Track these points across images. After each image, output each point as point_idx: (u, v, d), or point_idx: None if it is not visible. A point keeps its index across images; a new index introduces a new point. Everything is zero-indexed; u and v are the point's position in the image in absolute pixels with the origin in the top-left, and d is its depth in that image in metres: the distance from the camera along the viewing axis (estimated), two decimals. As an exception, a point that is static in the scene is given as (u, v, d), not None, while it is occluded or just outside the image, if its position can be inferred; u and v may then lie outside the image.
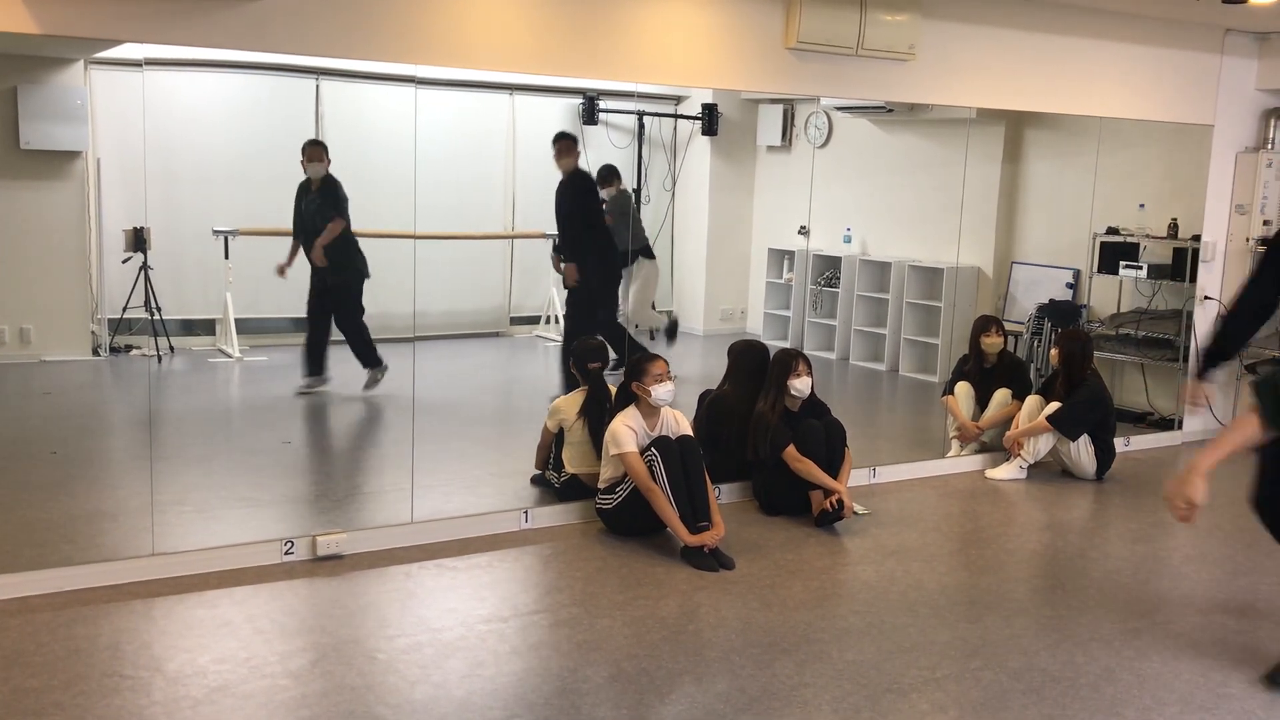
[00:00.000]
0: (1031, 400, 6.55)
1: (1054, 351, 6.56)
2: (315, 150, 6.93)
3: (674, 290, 9.09)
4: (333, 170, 7.00)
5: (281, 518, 5.22)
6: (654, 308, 7.88)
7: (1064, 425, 6.35)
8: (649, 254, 7.75)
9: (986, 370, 6.77)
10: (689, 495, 4.93)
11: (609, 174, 7.54)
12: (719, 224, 9.13)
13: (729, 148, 9.07)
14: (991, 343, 6.72)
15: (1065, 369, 6.41)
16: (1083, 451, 6.41)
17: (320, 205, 6.91)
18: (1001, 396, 6.67)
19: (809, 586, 4.65)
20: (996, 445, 6.68)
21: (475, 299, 8.09)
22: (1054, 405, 6.40)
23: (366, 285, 7.31)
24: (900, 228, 8.86)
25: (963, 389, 6.73)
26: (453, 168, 7.77)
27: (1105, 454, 6.47)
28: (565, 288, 7.37)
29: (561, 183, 6.96)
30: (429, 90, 6.77)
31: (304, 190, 6.96)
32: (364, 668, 3.76)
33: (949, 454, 6.69)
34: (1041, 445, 6.43)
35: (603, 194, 7.46)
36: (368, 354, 7.07)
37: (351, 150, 7.63)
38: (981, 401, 6.77)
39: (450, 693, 3.61)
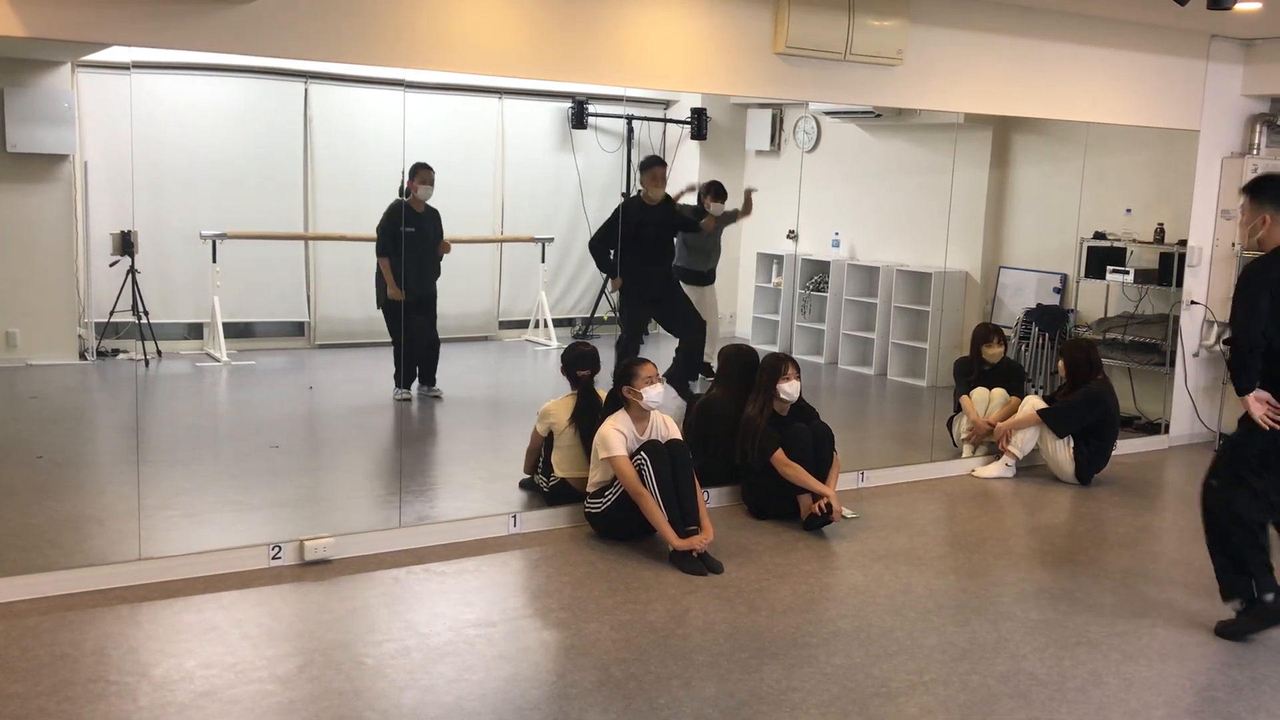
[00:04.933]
0: (1031, 400, 6.65)
1: (1060, 362, 6.63)
2: (427, 173, 6.85)
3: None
4: (323, 173, 6.99)
5: (269, 522, 5.20)
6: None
7: (1054, 419, 6.42)
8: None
9: (986, 373, 6.89)
10: (678, 499, 4.93)
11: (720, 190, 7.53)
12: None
13: (718, 152, 9.07)
14: (993, 353, 6.88)
15: (1070, 377, 6.48)
16: (1061, 451, 6.45)
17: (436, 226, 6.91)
18: (1001, 395, 6.79)
19: (797, 591, 4.65)
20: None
21: (464, 303, 8.08)
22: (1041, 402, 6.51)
23: (357, 286, 7.29)
24: (888, 232, 8.88)
25: (979, 394, 6.83)
26: (442, 171, 7.75)
27: (1095, 459, 6.50)
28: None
29: (659, 206, 6.97)
30: (418, 94, 6.78)
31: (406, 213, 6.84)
32: (351, 673, 3.75)
33: (964, 456, 6.77)
34: (1028, 441, 6.48)
35: (719, 209, 7.44)
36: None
37: (340, 154, 7.62)
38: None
39: (438, 697, 3.60)
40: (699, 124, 8.53)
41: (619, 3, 5.27)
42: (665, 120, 8.79)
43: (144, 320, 6.96)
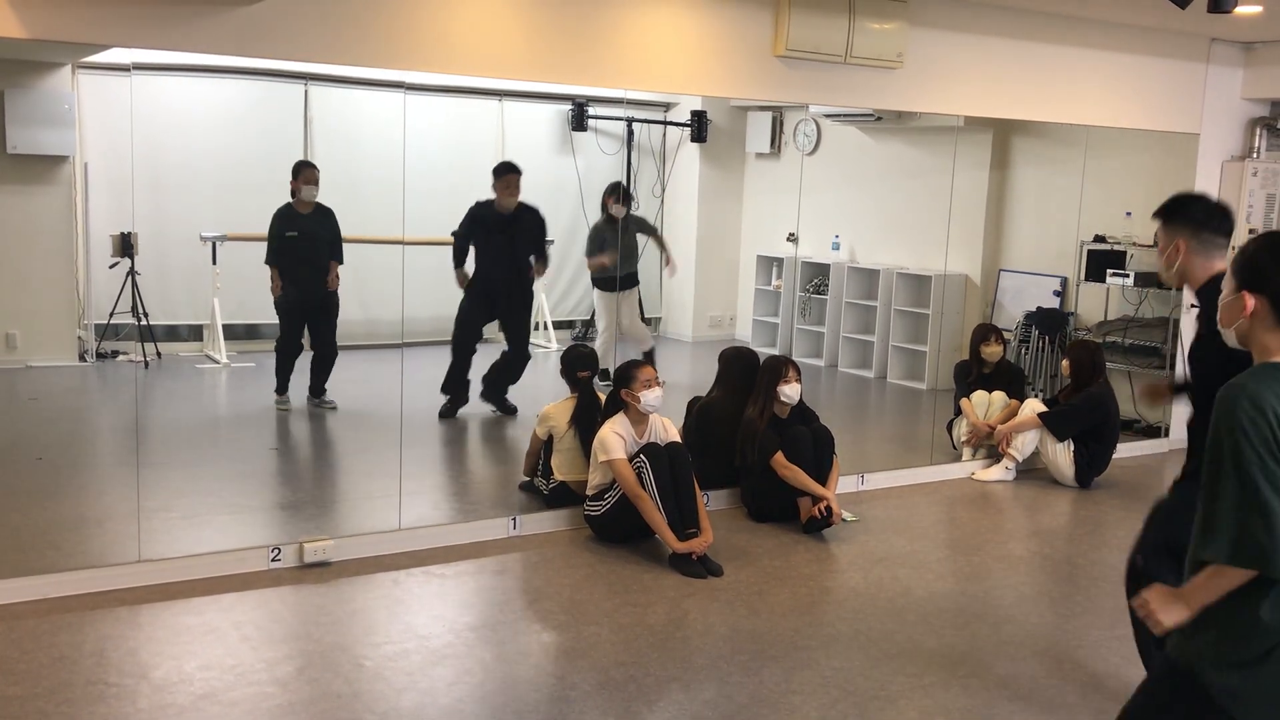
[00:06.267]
0: (1031, 403, 6.66)
1: (1065, 361, 6.64)
2: (310, 172, 6.84)
3: (663, 297, 9.11)
4: (323, 175, 6.99)
5: (268, 524, 5.20)
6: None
7: (1054, 423, 6.43)
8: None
9: (986, 375, 6.89)
10: (677, 502, 4.93)
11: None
12: (708, 231, 9.15)
13: (718, 154, 9.08)
14: (991, 351, 6.86)
15: (1075, 378, 6.49)
16: (1061, 454, 6.45)
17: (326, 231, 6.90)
18: (1001, 398, 6.79)
19: (797, 593, 4.65)
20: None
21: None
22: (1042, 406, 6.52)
23: (356, 289, 7.30)
24: (888, 235, 8.89)
25: (979, 396, 6.83)
26: (442, 173, 7.76)
27: (1095, 462, 6.50)
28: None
29: (513, 214, 6.93)
30: (418, 96, 6.79)
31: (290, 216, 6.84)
32: (351, 675, 3.74)
33: (964, 459, 6.77)
34: (1028, 444, 6.49)
35: (620, 211, 7.49)
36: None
37: (340, 156, 7.62)
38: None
39: (437, 700, 3.60)
40: (699, 126, 8.54)
41: (619, 5, 5.28)
42: (665, 123, 8.80)
43: (144, 322, 6.96)
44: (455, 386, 6.99)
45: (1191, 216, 3.35)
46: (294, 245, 6.78)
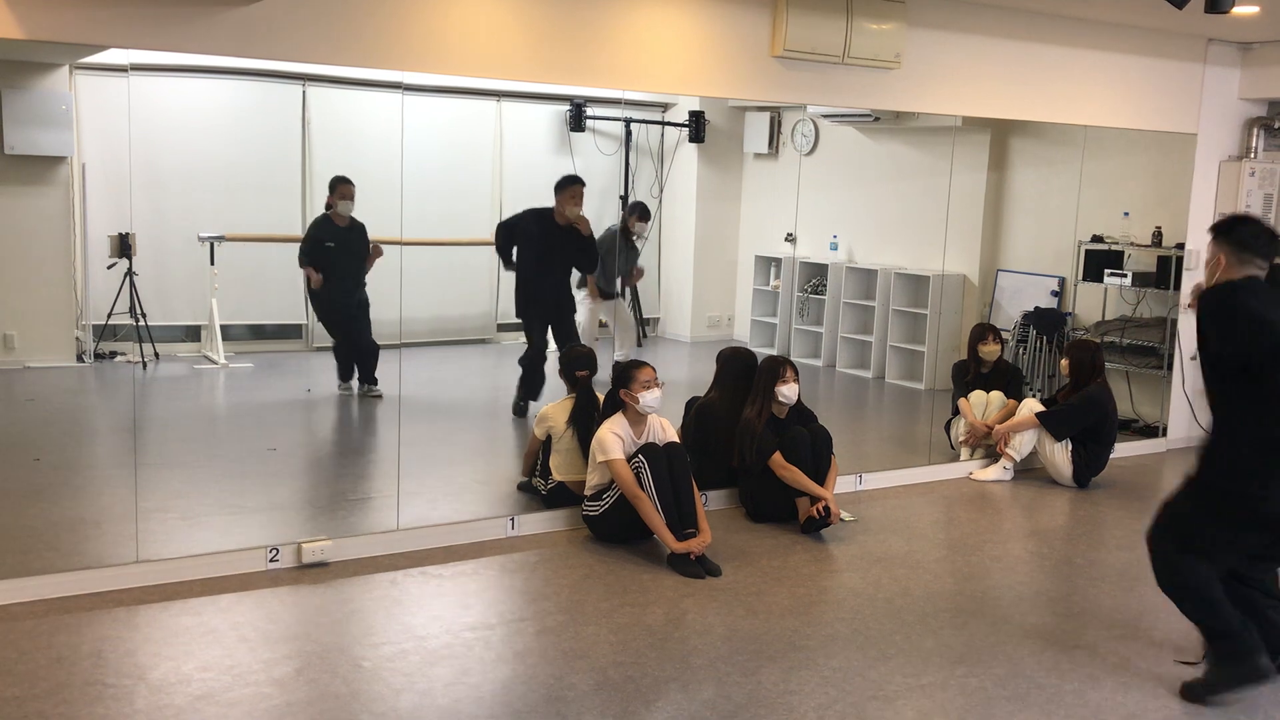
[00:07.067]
0: (1029, 403, 6.67)
1: (1063, 361, 6.65)
2: (347, 187, 6.91)
3: (661, 297, 9.11)
4: (321, 176, 7.00)
5: (266, 525, 5.20)
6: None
7: (1052, 422, 6.44)
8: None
9: (983, 375, 6.89)
10: (676, 502, 4.94)
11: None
12: (706, 231, 9.14)
13: (716, 155, 9.07)
14: (989, 350, 6.86)
15: (1074, 378, 6.50)
16: (1059, 454, 6.46)
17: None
18: (999, 398, 6.79)
19: (795, 594, 4.65)
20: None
21: (462, 306, 8.08)
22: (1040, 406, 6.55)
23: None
24: (886, 235, 8.89)
25: (977, 396, 6.83)
26: (440, 174, 7.76)
27: (1093, 462, 6.51)
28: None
29: (569, 227, 6.93)
30: (416, 96, 6.77)
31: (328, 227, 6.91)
32: (349, 675, 3.74)
33: (962, 459, 6.77)
34: (1026, 444, 6.49)
35: (643, 229, 7.59)
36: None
37: (339, 157, 7.61)
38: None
39: (435, 700, 3.60)
40: (697, 127, 8.54)
41: (617, 5, 5.28)
42: (663, 123, 8.79)
43: (142, 323, 6.94)
44: (532, 388, 7.09)
45: (1238, 237, 3.76)
46: (329, 255, 6.83)
